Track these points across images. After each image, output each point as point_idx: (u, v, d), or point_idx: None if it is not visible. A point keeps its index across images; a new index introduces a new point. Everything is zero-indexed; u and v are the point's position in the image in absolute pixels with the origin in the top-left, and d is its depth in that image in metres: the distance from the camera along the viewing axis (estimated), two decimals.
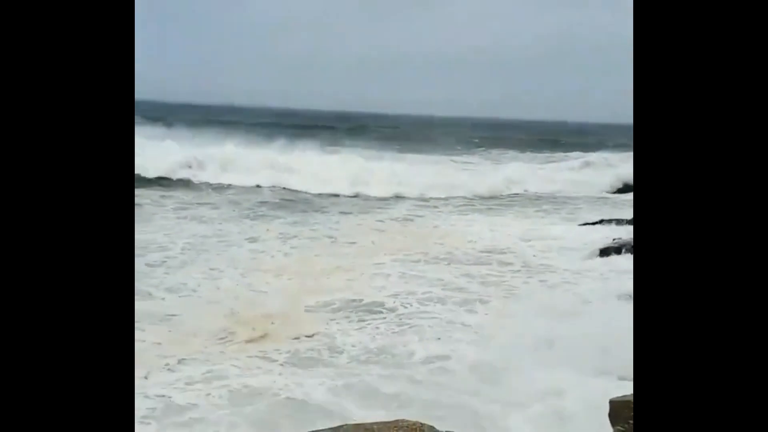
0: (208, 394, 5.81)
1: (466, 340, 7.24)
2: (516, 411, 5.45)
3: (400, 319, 7.92)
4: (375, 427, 3.59)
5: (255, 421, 5.42)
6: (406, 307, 8.35)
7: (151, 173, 18.78)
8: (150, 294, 8.65)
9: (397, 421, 3.63)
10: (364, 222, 14.60)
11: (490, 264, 10.72)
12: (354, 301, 8.57)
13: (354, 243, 12.14)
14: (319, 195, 18.30)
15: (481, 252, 11.52)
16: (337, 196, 18.22)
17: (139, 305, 8.20)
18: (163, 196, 16.84)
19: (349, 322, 7.82)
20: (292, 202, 17.32)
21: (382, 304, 8.42)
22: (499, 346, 7.03)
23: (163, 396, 5.76)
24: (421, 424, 3.54)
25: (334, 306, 8.38)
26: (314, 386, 6.01)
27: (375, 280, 9.51)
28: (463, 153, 31.68)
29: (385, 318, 7.96)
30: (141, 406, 5.48)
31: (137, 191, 16.90)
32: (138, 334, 7.13)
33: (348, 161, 21.47)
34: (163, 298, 8.60)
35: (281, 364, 6.56)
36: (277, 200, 17.40)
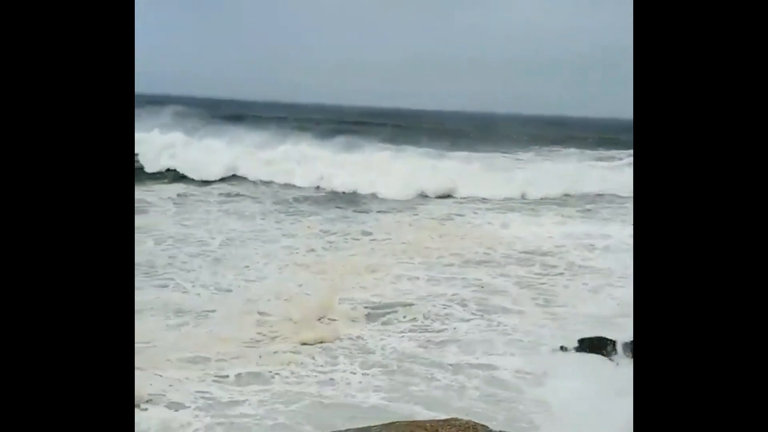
0: (254, 393, 6.08)
1: (503, 350, 7.24)
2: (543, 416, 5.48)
3: (432, 322, 8.00)
4: (428, 424, 3.69)
5: (302, 417, 5.65)
6: (439, 309, 8.43)
7: (203, 175, 19.29)
8: (186, 290, 9.00)
9: (449, 419, 3.74)
10: (406, 220, 14.67)
11: (531, 266, 10.66)
12: (383, 302, 8.69)
13: (391, 242, 12.23)
14: (365, 193, 18.36)
15: (522, 253, 11.48)
16: (378, 196, 18.20)
17: (178, 298, 8.53)
18: (215, 190, 17.75)
19: (379, 324, 7.95)
20: (336, 199, 17.54)
21: (411, 306, 8.54)
22: (534, 355, 7.06)
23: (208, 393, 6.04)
24: (474, 423, 3.63)
25: (366, 307, 8.49)
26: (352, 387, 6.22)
27: (407, 282, 9.62)
28: (517, 150, 31.22)
29: (415, 320, 8.05)
30: (185, 401, 5.83)
31: (190, 189, 17.63)
32: (172, 334, 7.41)
33: (398, 159, 21.43)
34: (199, 294, 8.89)
35: (317, 365, 6.74)
36: (321, 198, 17.67)
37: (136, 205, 15.24)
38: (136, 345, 6.83)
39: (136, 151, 20.68)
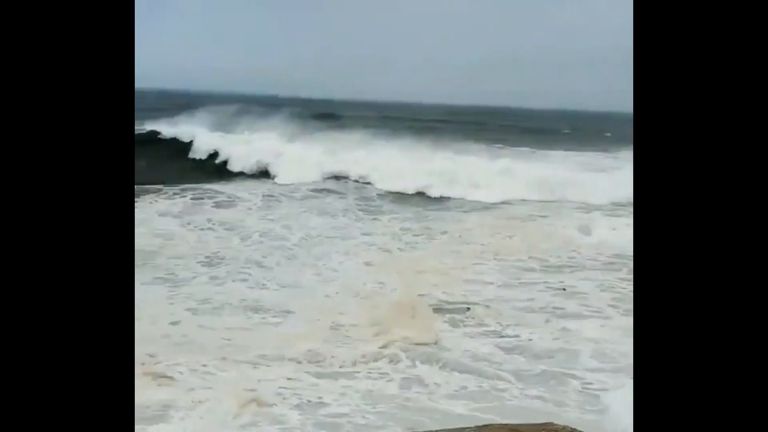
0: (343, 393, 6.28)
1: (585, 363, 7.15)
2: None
3: (503, 329, 7.99)
4: (522, 428, 3.65)
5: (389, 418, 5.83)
6: (515, 314, 8.41)
7: (295, 173, 19.78)
8: (265, 286, 9.39)
9: (545, 424, 3.68)
10: (488, 222, 14.51)
11: (618, 270, 10.38)
12: (460, 304, 8.74)
13: (471, 244, 12.18)
14: (456, 194, 18.17)
15: (610, 257, 11.18)
16: (467, 198, 17.97)
17: (256, 295, 8.92)
18: (303, 187, 18.30)
19: (454, 328, 8.00)
20: (421, 198, 17.57)
21: (489, 308, 8.54)
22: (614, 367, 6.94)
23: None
24: (572, 428, 3.56)
25: (441, 309, 8.57)
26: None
27: (478, 285, 9.63)
28: (615, 149, 30.15)
29: (489, 326, 8.05)
30: (275, 400, 6.05)
31: (279, 187, 18.26)
32: (251, 331, 7.73)
33: (490, 158, 21.08)
34: (277, 289, 9.24)
35: (398, 368, 6.87)
36: (407, 197, 17.75)
37: (225, 200, 15.92)
38: (220, 340, 7.22)
39: (219, 148, 21.70)
